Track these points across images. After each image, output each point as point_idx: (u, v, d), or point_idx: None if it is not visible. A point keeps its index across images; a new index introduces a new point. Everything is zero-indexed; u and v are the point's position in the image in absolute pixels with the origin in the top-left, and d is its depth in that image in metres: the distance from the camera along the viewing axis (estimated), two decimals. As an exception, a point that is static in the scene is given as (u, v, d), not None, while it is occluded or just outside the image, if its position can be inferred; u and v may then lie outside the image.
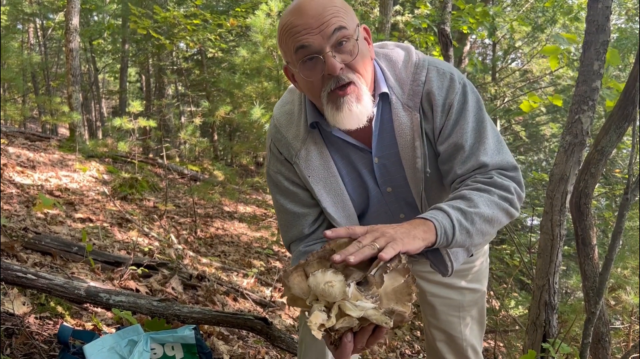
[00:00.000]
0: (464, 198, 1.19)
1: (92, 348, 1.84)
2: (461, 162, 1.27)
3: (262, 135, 6.35)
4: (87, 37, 13.15)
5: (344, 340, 1.02)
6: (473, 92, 1.30)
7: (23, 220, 3.89)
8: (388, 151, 1.33)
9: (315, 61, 1.18)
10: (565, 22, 9.68)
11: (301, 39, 1.17)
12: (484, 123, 1.29)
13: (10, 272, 2.01)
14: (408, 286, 1.01)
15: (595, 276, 2.38)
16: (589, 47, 2.26)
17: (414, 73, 1.28)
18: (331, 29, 1.16)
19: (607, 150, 2.30)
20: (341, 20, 1.17)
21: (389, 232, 1.06)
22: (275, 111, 1.43)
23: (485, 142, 1.28)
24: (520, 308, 5.44)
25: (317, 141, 1.34)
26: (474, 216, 1.16)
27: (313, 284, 0.99)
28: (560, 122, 11.80)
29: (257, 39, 6.05)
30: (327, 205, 1.35)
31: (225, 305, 3.32)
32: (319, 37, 1.16)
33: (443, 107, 1.27)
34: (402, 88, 1.29)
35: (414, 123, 1.28)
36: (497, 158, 1.27)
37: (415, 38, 8.19)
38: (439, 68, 1.29)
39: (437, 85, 1.26)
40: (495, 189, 1.22)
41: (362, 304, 0.97)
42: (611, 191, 6.67)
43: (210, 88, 12.52)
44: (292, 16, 1.19)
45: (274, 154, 1.40)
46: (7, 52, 8.24)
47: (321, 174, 1.34)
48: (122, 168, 7.86)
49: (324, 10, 1.16)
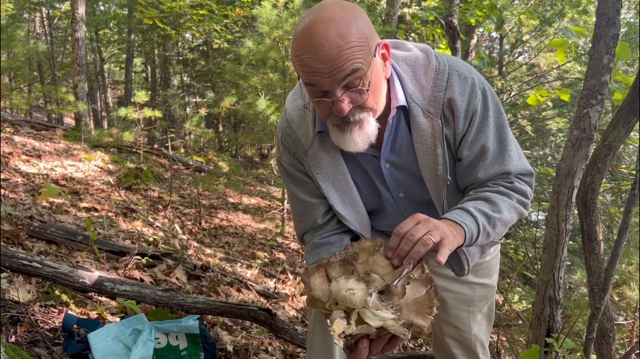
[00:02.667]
0: (488, 201, 1.23)
1: (96, 337, 1.84)
2: (484, 168, 1.29)
3: (267, 127, 6.34)
4: (93, 26, 13.15)
5: (360, 346, 1.02)
6: (493, 97, 1.29)
7: (29, 209, 3.90)
8: (404, 158, 1.31)
9: (325, 97, 1.16)
10: (573, 16, 9.60)
11: (312, 79, 1.13)
12: (505, 129, 1.30)
13: (16, 260, 2.02)
14: (430, 299, 1.01)
15: (601, 272, 2.37)
16: (599, 40, 2.24)
17: (435, 78, 1.25)
18: (343, 74, 1.10)
19: (614, 145, 2.28)
20: (355, 62, 1.10)
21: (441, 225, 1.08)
22: (287, 104, 1.41)
23: (508, 149, 1.30)
24: (523, 303, 5.43)
25: (326, 140, 1.32)
26: (497, 221, 1.22)
27: (335, 290, 0.99)
28: (566, 117, 11.74)
29: (263, 30, 6.03)
30: (335, 202, 1.35)
31: (229, 296, 3.33)
32: (329, 81, 1.11)
33: (466, 114, 1.25)
34: (422, 94, 1.25)
35: (435, 130, 1.25)
36: (519, 165, 1.32)
37: (422, 30, 8.15)
38: (460, 72, 1.26)
39: (459, 91, 1.24)
40: (515, 194, 1.28)
41: (381, 315, 0.97)
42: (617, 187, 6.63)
43: (215, 79, 12.51)
44: (304, 51, 1.11)
45: (286, 147, 1.39)
46: (13, 40, 8.24)
47: (330, 172, 1.33)
48: (127, 158, 7.88)
49: (338, 54, 1.08)
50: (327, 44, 1.08)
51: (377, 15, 7.16)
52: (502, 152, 1.29)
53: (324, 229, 1.40)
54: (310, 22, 1.11)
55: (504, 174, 1.31)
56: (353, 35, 1.10)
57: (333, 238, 1.38)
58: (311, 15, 1.12)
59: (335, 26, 1.09)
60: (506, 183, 1.29)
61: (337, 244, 1.37)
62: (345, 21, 1.10)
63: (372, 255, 1.06)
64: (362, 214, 1.38)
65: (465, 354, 1.64)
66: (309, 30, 1.10)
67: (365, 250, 1.07)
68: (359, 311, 0.98)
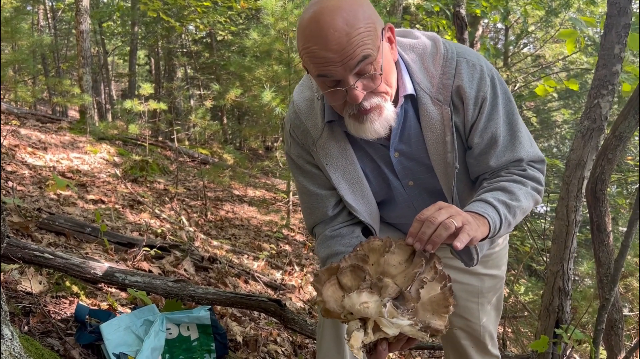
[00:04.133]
0: (505, 191, 1.23)
1: (108, 327, 1.85)
2: (496, 156, 1.29)
3: (272, 119, 6.34)
4: (96, 19, 13.12)
5: (379, 348, 1.03)
6: (502, 84, 1.29)
7: (36, 201, 3.92)
8: (413, 147, 1.31)
9: (337, 86, 1.16)
10: (580, 6, 9.52)
11: (323, 70, 1.13)
12: (515, 116, 1.30)
13: (28, 251, 2.03)
14: (445, 298, 1.00)
15: (610, 263, 2.36)
16: (610, 30, 2.21)
17: (443, 66, 1.25)
18: (355, 61, 1.11)
19: (625, 136, 2.27)
20: (366, 49, 1.11)
21: (463, 212, 1.09)
22: (295, 95, 1.40)
23: (519, 136, 1.30)
24: (530, 294, 5.43)
25: (336, 130, 1.32)
26: (516, 209, 1.22)
27: (348, 305, 0.99)
28: (572, 108, 11.68)
29: (268, 21, 6.01)
30: (345, 193, 1.34)
31: (236, 287, 3.34)
32: (342, 69, 1.12)
33: (475, 101, 1.25)
34: (430, 82, 1.25)
35: (444, 117, 1.25)
36: (531, 152, 1.31)
37: (427, 21, 8.10)
38: (468, 60, 1.25)
39: (467, 78, 1.24)
40: (529, 181, 1.28)
41: (398, 322, 0.97)
42: (623, 178, 6.61)
43: (220, 71, 12.49)
44: (312, 42, 1.11)
45: (294, 139, 1.39)
46: (18, 33, 8.22)
47: (339, 162, 1.33)
48: (132, 151, 7.89)
49: (348, 42, 1.09)
50: (336, 32, 1.08)
51: (382, 6, 7.13)
52: (513, 139, 1.29)
53: (335, 221, 1.40)
54: (316, 12, 1.11)
55: (516, 161, 1.30)
56: (360, 21, 1.10)
57: (344, 229, 1.38)
58: (315, 7, 1.12)
59: (343, 14, 1.09)
60: (519, 171, 1.29)
61: (348, 236, 1.36)
62: (351, 8, 1.10)
63: (383, 255, 1.05)
64: (372, 205, 1.38)
65: (474, 346, 1.65)
66: (316, 21, 1.10)
67: (375, 251, 1.06)
68: (375, 319, 0.98)
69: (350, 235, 1.37)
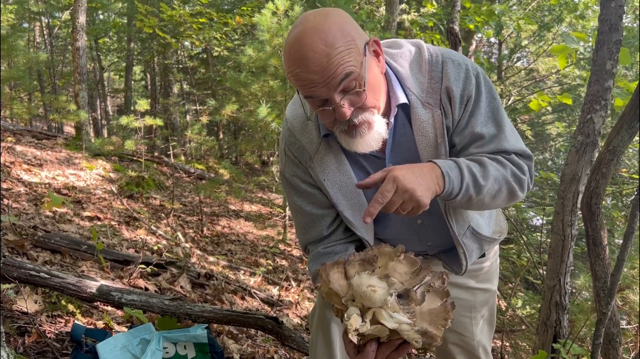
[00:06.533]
0: (482, 165, 1.23)
1: (104, 347, 1.84)
2: (479, 147, 1.28)
3: (268, 134, 6.35)
4: (93, 35, 13.19)
5: (368, 348, 1.02)
6: (487, 81, 1.30)
7: (32, 218, 3.90)
8: (406, 155, 1.31)
9: (325, 105, 1.18)
10: (571, 21, 9.64)
11: (309, 91, 1.16)
12: (500, 112, 1.30)
13: (24, 271, 2.02)
14: (446, 311, 1.01)
15: (606, 277, 2.37)
16: (602, 46, 2.25)
17: (430, 71, 1.26)
18: (337, 79, 1.12)
19: (618, 150, 2.28)
20: (347, 67, 1.12)
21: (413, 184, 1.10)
22: (287, 113, 1.41)
23: (505, 131, 1.29)
24: (527, 308, 5.42)
25: (332, 145, 1.33)
26: (482, 188, 1.21)
27: (356, 283, 0.99)
28: (566, 121, 11.76)
29: (264, 37, 6.05)
30: (344, 208, 1.35)
31: (233, 304, 3.32)
32: (326, 89, 1.14)
33: (461, 99, 1.26)
34: (420, 87, 1.27)
35: (435, 120, 1.26)
36: (517, 146, 1.30)
37: (422, 37, 8.17)
38: (453, 60, 1.27)
39: (454, 78, 1.25)
40: (511, 165, 1.27)
41: (398, 317, 0.97)
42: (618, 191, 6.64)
43: (215, 87, 12.54)
44: (295, 65, 1.13)
45: (289, 157, 1.39)
46: (14, 50, 8.25)
47: (337, 177, 1.33)
48: (128, 167, 7.89)
49: (329, 62, 1.10)
50: (315, 54, 1.10)
51: (377, 22, 7.20)
52: (499, 133, 1.29)
53: (329, 239, 1.40)
54: (296, 36, 1.13)
55: (501, 151, 1.29)
56: (339, 40, 1.12)
57: (338, 247, 1.39)
58: (296, 30, 1.14)
59: (321, 35, 1.11)
60: (504, 155, 1.28)
61: (341, 253, 1.37)
62: (329, 28, 1.12)
63: (392, 260, 1.06)
64: None
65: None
66: (296, 45, 1.13)
67: (385, 255, 1.07)
68: (375, 311, 0.98)
69: (344, 252, 1.37)
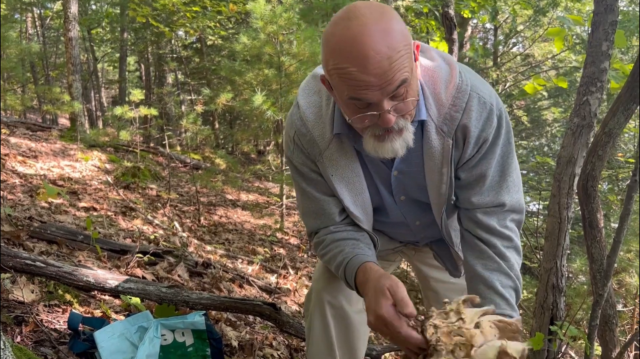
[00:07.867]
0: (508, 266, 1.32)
1: (102, 335, 1.84)
2: (480, 193, 1.29)
3: (263, 122, 6.33)
4: (85, 25, 13.07)
5: None
6: (507, 125, 1.27)
7: (28, 209, 3.88)
8: (413, 168, 1.30)
9: (369, 109, 1.10)
10: (567, 5, 9.60)
11: (359, 94, 1.06)
12: (509, 159, 1.29)
13: (20, 260, 2.01)
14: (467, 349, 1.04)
15: (602, 259, 2.37)
16: (597, 27, 2.23)
17: (455, 97, 1.20)
18: (394, 86, 1.05)
19: (614, 132, 2.28)
20: (404, 72, 1.04)
21: None
22: (300, 100, 1.32)
23: (508, 180, 1.30)
24: (524, 292, 5.45)
25: (344, 142, 1.29)
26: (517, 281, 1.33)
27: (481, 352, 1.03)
28: (562, 106, 11.76)
29: (258, 25, 6.01)
30: (349, 204, 1.34)
31: (231, 292, 3.33)
32: (379, 94, 1.05)
33: (477, 140, 1.23)
34: (438, 110, 1.21)
35: (444, 149, 1.23)
36: (515, 199, 1.32)
37: (416, 23, 8.14)
38: (480, 96, 1.21)
39: (475, 117, 1.20)
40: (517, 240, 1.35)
41: None
42: (614, 175, 6.66)
43: (210, 76, 12.47)
44: (350, 63, 1.03)
45: (298, 146, 1.33)
46: (6, 41, 8.17)
47: (345, 173, 1.31)
48: (124, 157, 7.86)
49: (390, 66, 1.02)
50: (377, 55, 1.01)
51: (372, 8, 7.14)
52: (501, 182, 1.29)
53: (341, 223, 1.39)
54: (353, 31, 1.02)
55: (498, 205, 1.30)
56: (400, 42, 1.04)
57: (349, 233, 1.38)
58: (350, 23, 1.03)
59: (384, 35, 1.02)
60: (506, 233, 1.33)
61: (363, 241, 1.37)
62: (391, 28, 1.03)
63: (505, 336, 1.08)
64: (369, 215, 1.39)
65: None
66: (354, 41, 1.02)
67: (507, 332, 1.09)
68: None
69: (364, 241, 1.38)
